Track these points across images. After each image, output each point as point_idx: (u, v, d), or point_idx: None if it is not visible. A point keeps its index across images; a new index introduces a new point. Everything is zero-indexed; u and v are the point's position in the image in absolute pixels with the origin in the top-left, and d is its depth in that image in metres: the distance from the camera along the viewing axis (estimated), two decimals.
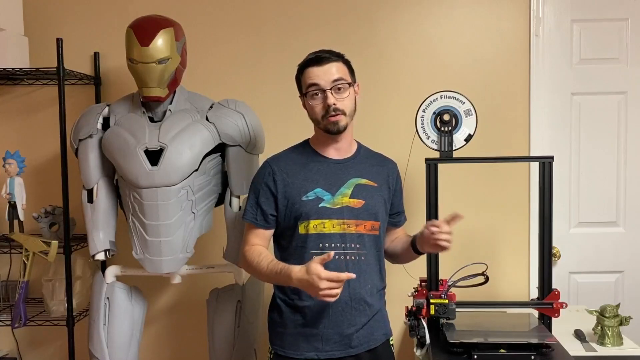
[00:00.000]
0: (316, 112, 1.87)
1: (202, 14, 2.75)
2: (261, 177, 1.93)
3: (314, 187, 1.86)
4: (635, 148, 2.79)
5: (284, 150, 2.00)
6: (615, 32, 2.76)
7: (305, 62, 1.90)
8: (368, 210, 1.90)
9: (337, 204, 1.86)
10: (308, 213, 1.84)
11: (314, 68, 1.86)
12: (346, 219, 1.86)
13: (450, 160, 2.24)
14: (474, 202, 2.74)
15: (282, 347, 1.89)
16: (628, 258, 2.82)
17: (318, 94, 1.85)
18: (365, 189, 1.91)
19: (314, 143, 1.96)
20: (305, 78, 1.88)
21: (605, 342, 2.20)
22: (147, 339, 2.76)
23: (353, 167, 1.93)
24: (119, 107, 2.34)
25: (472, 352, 1.87)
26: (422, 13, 2.74)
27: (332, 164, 1.91)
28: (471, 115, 2.23)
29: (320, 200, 1.85)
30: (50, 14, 2.77)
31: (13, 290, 2.69)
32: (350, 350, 1.87)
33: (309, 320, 1.86)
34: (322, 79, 1.84)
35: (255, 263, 1.86)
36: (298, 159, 1.93)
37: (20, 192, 2.56)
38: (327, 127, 1.86)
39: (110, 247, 2.35)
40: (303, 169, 1.90)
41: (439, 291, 2.08)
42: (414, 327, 2.03)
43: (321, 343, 1.85)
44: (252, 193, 1.95)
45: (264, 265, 1.83)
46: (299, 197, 1.85)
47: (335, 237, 1.85)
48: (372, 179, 1.94)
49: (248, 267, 1.93)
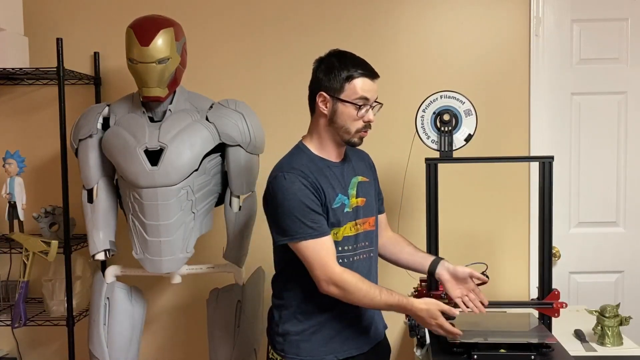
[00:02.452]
0: (355, 124, 1.80)
1: (202, 13, 2.75)
2: (300, 189, 1.75)
3: (337, 192, 1.82)
4: (635, 148, 2.79)
5: (290, 159, 1.85)
6: (615, 32, 2.76)
7: (362, 72, 1.80)
8: (369, 207, 1.91)
9: (351, 206, 1.86)
10: (340, 220, 1.82)
11: (369, 81, 1.80)
12: (357, 219, 1.87)
13: (450, 160, 2.23)
14: (474, 202, 2.74)
15: (298, 354, 1.84)
16: (628, 258, 2.82)
17: (362, 107, 1.80)
18: (363, 185, 1.91)
19: (317, 148, 1.87)
20: (358, 87, 1.78)
21: (605, 342, 2.20)
22: (147, 339, 2.76)
23: (349, 166, 1.92)
24: (119, 107, 2.34)
25: (472, 352, 1.87)
26: (422, 13, 2.74)
27: (336, 167, 1.88)
28: (471, 115, 2.23)
29: (344, 206, 1.83)
30: (50, 14, 2.77)
31: (13, 290, 2.69)
32: (363, 347, 1.88)
33: (328, 323, 1.84)
34: (372, 95, 1.81)
35: (365, 292, 1.75)
36: (311, 166, 1.81)
37: (20, 192, 2.56)
38: (353, 139, 1.83)
39: (110, 247, 2.35)
40: (321, 176, 1.80)
41: (439, 291, 2.08)
42: (414, 327, 2.03)
43: (339, 344, 1.85)
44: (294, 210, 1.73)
45: (376, 295, 1.76)
46: (330, 205, 1.80)
47: (351, 239, 1.85)
48: (363, 174, 1.94)
49: (350, 294, 1.75)
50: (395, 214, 2.52)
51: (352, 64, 1.80)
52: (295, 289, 1.84)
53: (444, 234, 2.22)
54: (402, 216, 2.54)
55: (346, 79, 1.79)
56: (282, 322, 1.86)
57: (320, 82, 1.82)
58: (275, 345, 1.88)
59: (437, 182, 2.19)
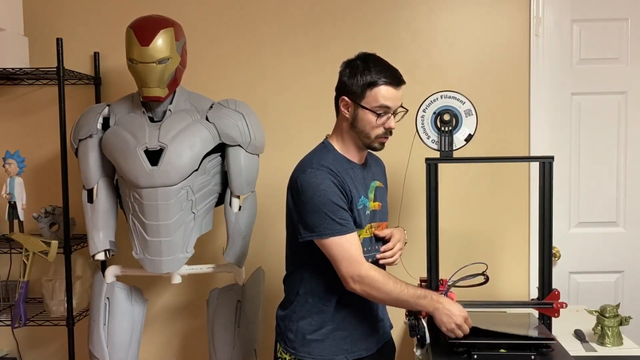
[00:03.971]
0: (376, 131, 1.81)
1: (202, 14, 2.75)
2: (330, 187, 1.75)
3: (360, 194, 1.84)
4: (635, 148, 2.79)
5: (317, 155, 1.84)
6: (615, 32, 2.76)
7: (385, 80, 1.79)
8: (384, 211, 1.95)
9: (370, 209, 1.88)
10: (362, 222, 1.83)
11: (391, 89, 1.79)
12: (372, 222, 1.89)
13: (450, 160, 2.23)
14: (474, 202, 2.74)
15: (310, 353, 1.84)
16: (628, 258, 2.82)
17: (382, 114, 1.80)
18: (380, 190, 1.95)
19: (342, 147, 1.87)
20: (380, 95, 1.78)
21: (605, 342, 2.20)
22: (147, 339, 2.76)
23: (369, 170, 1.95)
24: (119, 107, 2.34)
25: (472, 352, 1.87)
26: (422, 13, 2.74)
27: (359, 170, 1.89)
28: (471, 115, 2.22)
29: (366, 208, 1.86)
30: (50, 14, 2.77)
31: (13, 290, 2.69)
32: (372, 348, 1.91)
33: (342, 324, 1.85)
34: (395, 103, 1.81)
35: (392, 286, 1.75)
36: (338, 165, 1.81)
37: (20, 192, 2.56)
38: (374, 144, 1.84)
39: (110, 247, 2.35)
40: (346, 176, 1.81)
41: (439, 291, 2.08)
42: (414, 327, 2.02)
43: (350, 344, 1.86)
44: (324, 207, 1.73)
45: (403, 289, 1.76)
46: (355, 206, 1.81)
47: (367, 241, 1.87)
48: (380, 179, 1.98)
49: (377, 290, 1.75)
50: (395, 214, 2.52)
51: (376, 70, 1.79)
52: (311, 288, 1.85)
53: (444, 234, 2.22)
54: (402, 216, 2.53)
55: (368, 86, 1.78)
56: (295, 320, 1.87)
57: (344, 85, 1.83)
58: (285, 343, 1.88)
59: (437, 182, 2.19)
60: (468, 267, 2.06)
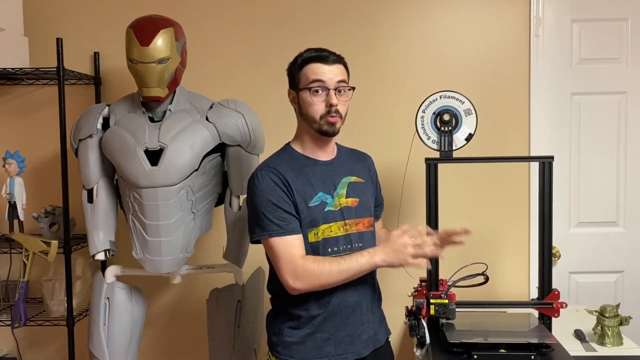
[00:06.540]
0: (316, 109, 1.80)
1: (202, 13, 2.75)
2: (268, 186, 1.77)
3: (316, 191, 1.82)
4: (635, 148, 2.79)
5: (269, 158, 1.87)
6: (615, 32, 2.76)
7: (310, 57, 1.82)
8: (363, 207, 1.90)
9: (337, 206, 1.84)
10: (317, 219, 1.80)
11: (320, 64, 1.81)
12: (347, 219, 1.85)
13: (450, 160, 2.23)
14: (474, 202, 2.74)
15: (291, 356, 1.82)
16: (628, 258, 2.82)
17: (319, 90, 1.80)
18: (356, 186, 1.91)
19: (301, 147, 1.89)
20: (308, 73, 1.81)
21: (605, 342, 2.20)
22: (147, 339, 2.76)
23: (341, 166, 1.91)
24: (119, 107, 2.34)
25: (472, 352, 1.87)
26: (422, 13, 2.74)
27: (323, 166, 1.87)
28: (471, 115, 2.23)
29: (325, 205, 1.82)
30: (50, 14, 2.77)
31: (13, 290, 2.69)
32: (362, 352, 1.85)
33: (321, 327, 1.81)
34: (327, 77, 1.80)
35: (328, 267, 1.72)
36: (291, 164, 1.83)
37: (20, 192, 2.56)
38: (323, 127, 1.81)
39: (110, 247, 2.35)
40: (300, 175, 1.81)
41: (439, 291, 2.08)
42: (414, 327, 2.03)
43: (333, 347, 1.82)
44: (261, 207, 1.76)
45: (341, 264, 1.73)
46: (306, 204, 1.79)
47: (341, 239, 1.83)
48: (359, 175, 1.94)
49: (317, 278, 1.73)
50: (395, 214, 2.52)
51: (305, 53, 1.85)
52: (280, 291, 1.81)
53: None
54: (402, 216, 2.53)
55: (299, 68, 1.84)
56: (276, 323, 1.87)
57: (288, 81, 1.89)
58: (270, 347, 1.88)
59: (437, 182, 2.19)
60: (468, 267, 2.06)
